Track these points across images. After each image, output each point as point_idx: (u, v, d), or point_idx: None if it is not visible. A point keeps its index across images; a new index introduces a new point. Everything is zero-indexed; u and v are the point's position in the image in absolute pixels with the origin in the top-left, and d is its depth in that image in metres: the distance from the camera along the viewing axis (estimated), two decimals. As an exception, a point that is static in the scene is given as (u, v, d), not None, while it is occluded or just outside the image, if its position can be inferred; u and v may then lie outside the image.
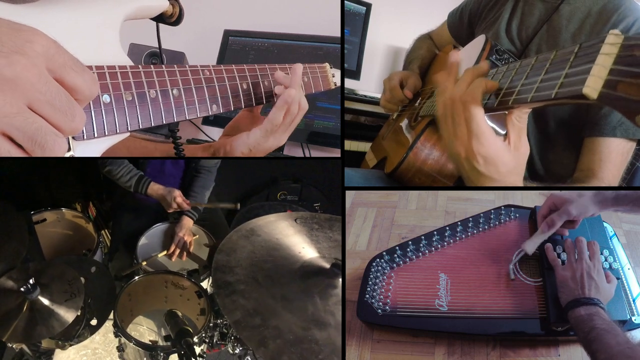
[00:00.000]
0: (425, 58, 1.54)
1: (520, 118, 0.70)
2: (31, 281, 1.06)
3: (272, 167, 2.20)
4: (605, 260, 0.97)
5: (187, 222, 1.59)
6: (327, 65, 1.08)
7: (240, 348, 1.28)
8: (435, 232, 1.10)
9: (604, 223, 1.06)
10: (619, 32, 0.51)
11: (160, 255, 1.52)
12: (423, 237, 1.09)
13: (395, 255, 1.06)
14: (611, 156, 0.97)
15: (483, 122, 0.69)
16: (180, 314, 1.20)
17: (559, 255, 0.95)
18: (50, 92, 0.50)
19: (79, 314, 1.10)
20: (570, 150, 1.06)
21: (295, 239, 1.10)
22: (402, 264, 1.06)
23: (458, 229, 1.11)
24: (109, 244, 1.74)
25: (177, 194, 1.51)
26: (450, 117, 0.74)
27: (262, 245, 1.05)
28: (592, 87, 0.50)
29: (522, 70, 0.68)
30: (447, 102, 0.74)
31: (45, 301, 1.08)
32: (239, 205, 1.55)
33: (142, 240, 1.55)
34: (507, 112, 0.70)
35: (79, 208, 1.80)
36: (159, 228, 1.61)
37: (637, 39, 0.48)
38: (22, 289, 1.05)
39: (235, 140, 0.90)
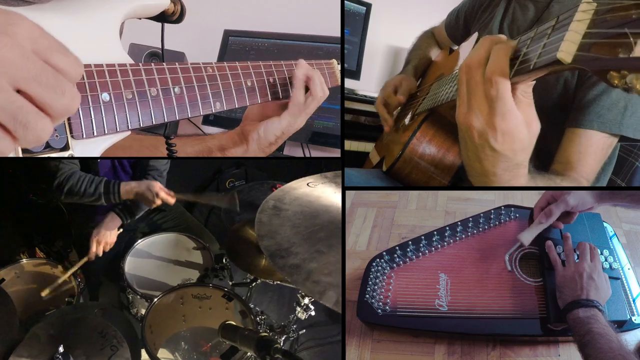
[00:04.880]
0: (423, 58, 1.57)
1: (525, 93, 0.67)
2: (61, 349, 0.86)
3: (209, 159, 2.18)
4: (605, 260, 0.97)
5: (111, 221, 1.46)
6: (334, 61, 1.07)
7: (284, 337, 1.27)
8: (435, 232, 1.10)
9: (604, 223, 1.06)
10: (591, 0, 0.53)
11: (82, 262, 1.41)
12: (423, 237, 1.09)
13: (395, 255, 1.06)
14: (589, 149, 0.95)
15: (511, 99, 0.65)
16: (234, 323, 1.04)
17: (559, 255, 0.95)
18: (36, 69, 0.49)
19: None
20: (554, 141, 1.05)
21: (324, 200, 1.05)
22: (402, 264, 1.06)
23: (458, 229, 1.11)
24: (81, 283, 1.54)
25: (159, 187, 1.37)
26: (465, 85, 0.70)
27: (299, 217, 0.99)
28: (566, 51, 0.52)
29: None
30: (462, 70, 0.70)
31: (85, 369, 0.87)
32: (238, 208, 1.53)
33: (127, 266, 1.43)
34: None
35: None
36: (138, 247, 1.52)
37: (609, 4, 0.50)
38: None
39: (267, 124, 0.93)
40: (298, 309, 1.24)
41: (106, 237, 1.46)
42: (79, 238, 1.57)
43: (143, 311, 1.35)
